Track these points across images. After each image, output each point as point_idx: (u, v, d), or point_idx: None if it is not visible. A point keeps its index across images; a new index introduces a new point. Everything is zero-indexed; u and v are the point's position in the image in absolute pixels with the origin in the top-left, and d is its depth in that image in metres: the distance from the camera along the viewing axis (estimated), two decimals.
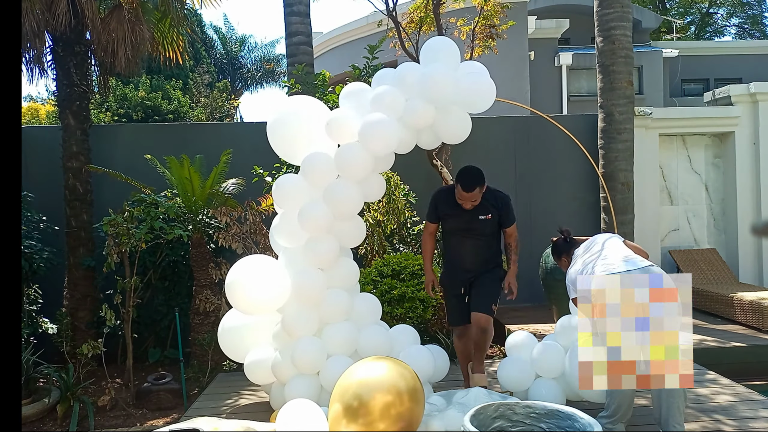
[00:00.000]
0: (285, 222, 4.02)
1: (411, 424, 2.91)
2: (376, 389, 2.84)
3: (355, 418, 2.80)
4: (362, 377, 2.93)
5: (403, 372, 2.99)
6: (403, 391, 2.87)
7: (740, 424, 3.65)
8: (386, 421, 2.81)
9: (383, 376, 2.91)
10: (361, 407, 2.81)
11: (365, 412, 2.80)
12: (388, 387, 2.85)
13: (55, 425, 4.88)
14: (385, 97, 3.78)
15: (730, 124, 8.10)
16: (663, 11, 23.25)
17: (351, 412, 2.81)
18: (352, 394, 2.85)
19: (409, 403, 2.88)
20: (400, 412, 2.83)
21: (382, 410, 2.80)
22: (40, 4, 5.80)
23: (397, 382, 2.89)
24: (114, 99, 11.55)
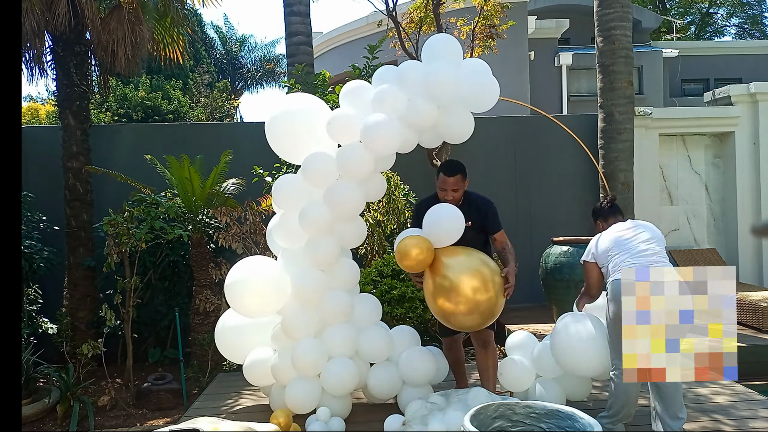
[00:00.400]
0: (285, 223, 3.98)
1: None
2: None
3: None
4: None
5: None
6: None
7: (740, 424, 3.65)
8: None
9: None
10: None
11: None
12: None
13: (55, 425, 4.88)
14: (387, 96, 3.70)
15: (730, 124, 8.10)
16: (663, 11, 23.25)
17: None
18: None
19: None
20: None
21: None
22: (40, 4, 5.80)
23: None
24: (114, 99, 11.55)
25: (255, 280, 3.91)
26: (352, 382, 3.92)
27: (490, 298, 3.37)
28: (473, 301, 3.35)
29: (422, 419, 3.38)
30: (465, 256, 3.48)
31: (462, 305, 3.36)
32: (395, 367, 4.04)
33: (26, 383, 4.99)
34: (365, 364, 4.10)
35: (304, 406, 3.90)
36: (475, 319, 3.41)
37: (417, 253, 3.43)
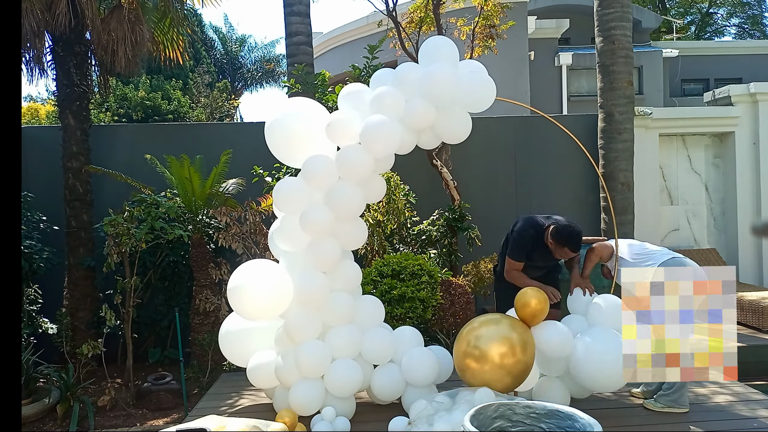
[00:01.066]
0: (286, 225, 3.99)
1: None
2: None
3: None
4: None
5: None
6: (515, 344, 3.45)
7: (740, 424, 3.65)
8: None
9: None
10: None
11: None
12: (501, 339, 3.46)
13: (55, 425, 4.88)
14: (385, 98, 3.75)
15: (730, 124, 8.10)
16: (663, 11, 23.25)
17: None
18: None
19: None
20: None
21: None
22: (40, 4, 5.80)
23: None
24: (114, 99, 11.55)
25: (257, 283, 3.91)
26: (355, 383, 3.92)
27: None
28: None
29: (428, 419, 3.38)
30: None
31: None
32: (398, 369, 4.04)
33: (26, 383, 5.00)
34: (369, 365, 4.11)
35: (308, 408, 3.90)
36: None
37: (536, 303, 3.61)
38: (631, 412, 3.97)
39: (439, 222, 6.53)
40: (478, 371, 3.48)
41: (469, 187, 7.20)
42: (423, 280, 5.39)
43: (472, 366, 3.49)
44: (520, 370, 3.48)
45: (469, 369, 3.52)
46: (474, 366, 3.48)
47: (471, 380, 3.55)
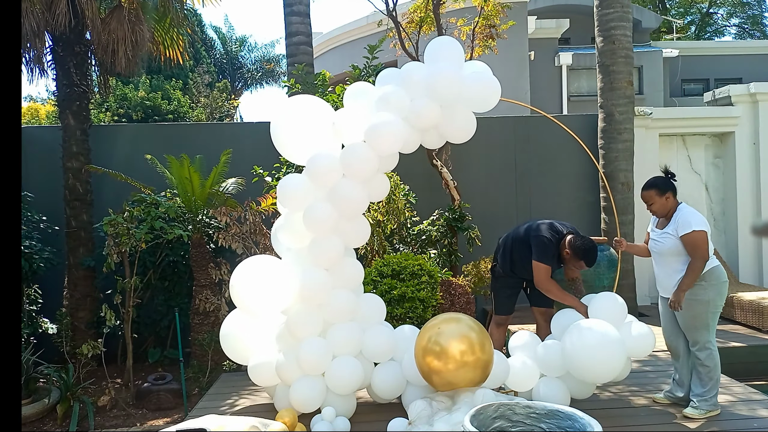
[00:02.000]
0: (289, 222, 4.01)
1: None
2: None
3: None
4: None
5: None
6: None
7: (740, 424, 3.66)
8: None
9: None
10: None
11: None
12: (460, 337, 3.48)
13: (55, 425, 4.88)
14: (391, 97, 3.78)
15: (730, 124, 8.10)
16: (663, 11, 23.25)
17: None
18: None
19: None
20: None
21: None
22: (40, 4, 5.80)
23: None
24: (114, 99, 11.55)
25: (260, 279, 3.93)
26: (356, 381, 3.93)
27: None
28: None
29: (428, 419, 3.38)
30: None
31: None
32: (399, 367, 4.05)
33: (26, 383, 5.00)
34: (369, 363, 4.12)
35: (309, 405, 3.91)
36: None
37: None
38: (631, 412, 3.97)
39: (439, 222, 6.53)
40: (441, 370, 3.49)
41: (469, 187, 7.20)
42: (423, 280, 5.39)
43: (434, 364, 3.50)
44: (481, 367, 3.49)
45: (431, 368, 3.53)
46: (436, 364, 3.49)
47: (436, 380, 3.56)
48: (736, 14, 25.92)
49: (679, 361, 4.01)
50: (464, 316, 3.70)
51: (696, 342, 3.79)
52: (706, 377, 3.75)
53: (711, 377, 3.75)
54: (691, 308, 3.71)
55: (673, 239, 3.80)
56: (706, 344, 3.75)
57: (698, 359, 3.77)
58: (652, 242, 3.98)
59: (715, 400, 3.77)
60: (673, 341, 4.01)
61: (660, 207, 3.89)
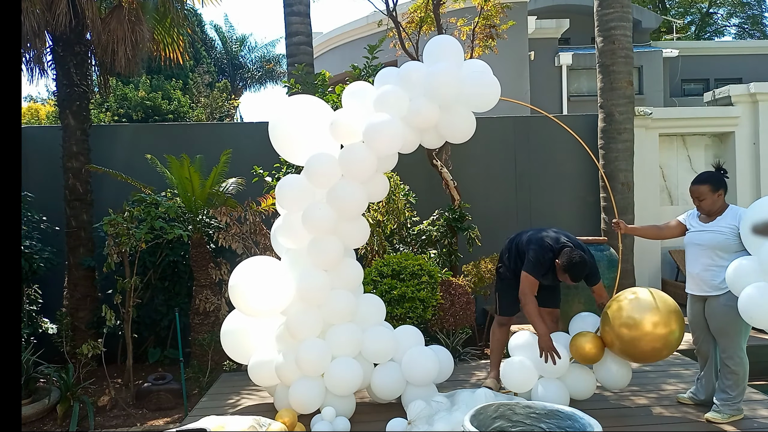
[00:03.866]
0: (288, 223, 4.00)
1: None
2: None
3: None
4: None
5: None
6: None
7: (740, 424, 3.65)
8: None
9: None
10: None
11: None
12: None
13: (55, 425, 4.88)
14: (389, 97, 3.75)
15: (730, 124, 8.10)
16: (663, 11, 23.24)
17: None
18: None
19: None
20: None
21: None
22: (40, 4, 5.80)
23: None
24: (114, 99, 11.55)
25: (259, 280, 3.93)
26: (355, 381, 3.92)
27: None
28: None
29: (428, 419, 3.38)
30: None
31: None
32: (399, 367, 4.05)
33: (26, 383, 5.00)
34: (369, 364, 4.11)
35: (309, 406, 3.91)
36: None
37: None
38: (631, 412, 3.97)
39: (439, 222, 6.53)
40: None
41: (469, 187, 7.20)
42: (423, 280, 5.39)
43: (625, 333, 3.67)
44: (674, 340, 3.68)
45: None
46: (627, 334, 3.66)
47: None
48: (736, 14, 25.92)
49: (706, 364, 3.95)
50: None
51: (726, 348, 3.69)
52: (734, 384, 3.67)
53: (739, 384, 3.68)
54: (728, 314, 3.59)
55: (727, 234, 3.66)
56: (737, 351, 3.67)
57: (727, 366, 3.68)
58: (695, 235, 3.81)
59: (740, 406, 3.70)
60: (702, 344, 3.93)
61: (711, 204, 3.75)
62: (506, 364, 4.04)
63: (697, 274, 3.79)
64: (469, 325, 5.72)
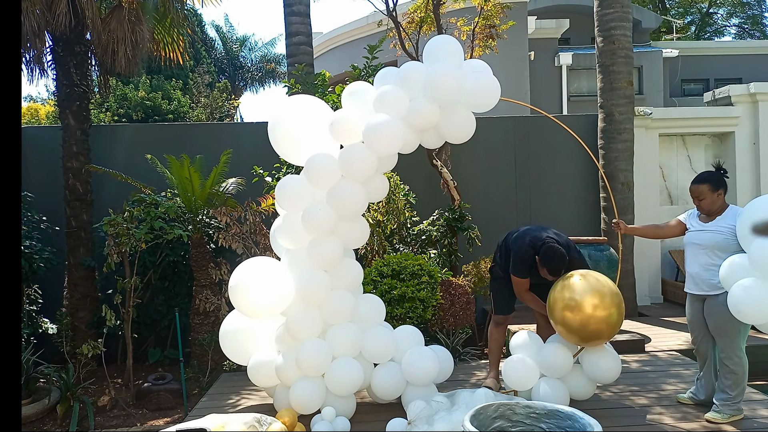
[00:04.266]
0: (288, 223, 4.00)
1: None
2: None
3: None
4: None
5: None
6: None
7: (740, 424, 3.65)
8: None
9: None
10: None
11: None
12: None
13: (55, 425, 4.88)
14: (389, 97, 3.75)
15: (730, 124, 8.10)
16: (663, 11, 23.24)
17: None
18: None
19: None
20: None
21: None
22: (40, 4, 5.80)
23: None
24: (114, 99, 11.55)
25: (259, 281, 3.92)
26: (356, 382, 3.92)
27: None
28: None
29: (428, 419, 3.38)
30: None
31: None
32: (399, 367, 4.05)
33: (26, 383, 4.99)
34: (369, 364, 4.11)
35: (309, 406, 3.91)
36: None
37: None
38: (631, 412, 3.97)
39: (439, 222, 6.53)
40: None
41: (469, 187, 7.20)
42: (423, 280, 5.39)
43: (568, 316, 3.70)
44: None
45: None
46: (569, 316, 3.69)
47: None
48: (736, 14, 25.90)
49: (705, 364, 3.95)
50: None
51: (725, 348, 3.69)
52: (734, 384, 3.67)
53: (738, 384, 3.67)
54: (726, 313, 3.56)
55: (726, 234, 3.66)
56: (735, 351, 3.67)
57: (726, 366, 3.68)
58: (695, 234, 3.82)
59: (740, 405, 3.70)
60: (701, 344, 3.93)
61: (710, 203, 3.75)
62: (507, 363, 4.04)
63: (696, 273, 3.80)
64: (469, 325, 5.72)
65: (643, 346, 5.51)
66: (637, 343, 5.47)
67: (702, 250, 3.77)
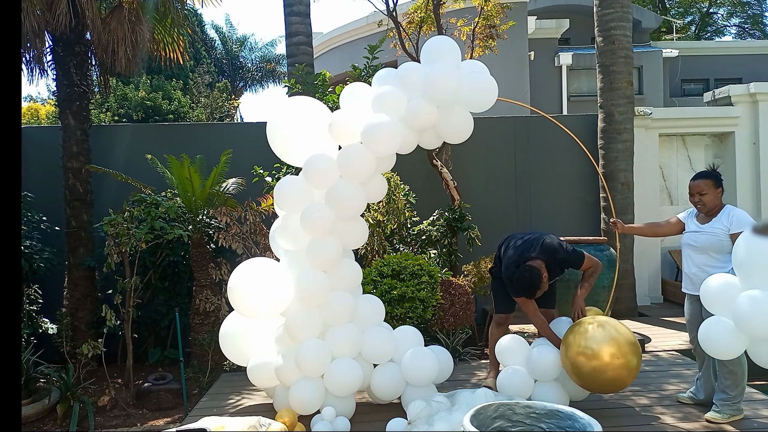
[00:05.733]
0: (287, 224, 4.00)
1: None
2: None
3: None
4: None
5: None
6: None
7: (740, 424, 3.65)
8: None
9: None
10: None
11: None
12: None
13: (55, 425, 4.88)
14: (387, 98, 3.77)
15: (730, 124, 8.10)
16: (663, 11, 23.23)
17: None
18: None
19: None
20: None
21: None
22: (41, 4, 5.80)
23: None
24: (114, 99, 11.55)
25: (258, 282, 3.93)
26: (355, 382, 3.92)
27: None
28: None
29: (428, 419, 3.38)
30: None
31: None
32: (398, 368, 4.05)
33: (26, 383, 4.99)
34: (369, 364, 4.11)
35: (308, 407, 3.91)
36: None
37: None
38: (631, 412, 3.97)
39: (439, 222, 6.53)
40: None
41: (469, 187, 7.20)
42: (423, 280, 5.39)
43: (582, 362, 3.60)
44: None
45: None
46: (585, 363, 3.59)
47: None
48: (736, 14, 25.90)
49: (704, 364, 3.95)
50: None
51: None
52: (733, 384, 3.66)
53: (738, 384, 3.67)
54: None
55: (720, 236, 3.68)
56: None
57: (725, 366, 3.67)
58: (691, 236, 3.84)
59: (740, 405, 3.70)
60: (699, 344, 3.94)
61: (712, 199, 3.76)
62: (501, 375, 4.01)
63: (694, 274, 3.82)
64: (469, 325, 5.72)
65: (644, 346, 5.51)
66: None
67: (698, 252, 3.81)
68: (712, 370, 3.90)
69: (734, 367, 3.65)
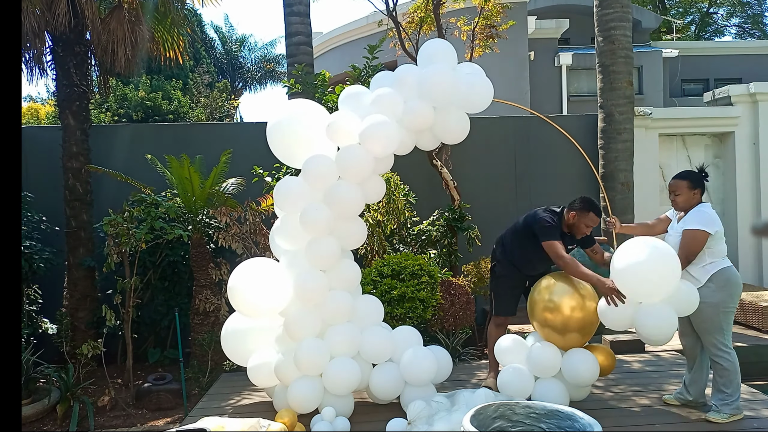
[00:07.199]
0: (286, 224, 4.03)
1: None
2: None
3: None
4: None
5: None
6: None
7: (740, 424, 3.65)
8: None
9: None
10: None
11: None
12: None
13: (55, 425, 4.88)
14: (384, 99, 3.83)
15: (730, 124, 8.10)
16: (663, 11, 23.23)
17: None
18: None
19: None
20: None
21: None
22: (40, 4, 5.80)
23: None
24: (114, 99, 11.55)
25: (257, 281, 3.94)
26: (353, 381, 3.93)
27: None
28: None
29: (428, 419, 3.38)
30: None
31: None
32: (397, 368, 4.05)
33: (26, 383, 4.99)
34: (367, 364, 4.12)
35: (307, 406, 3.92)
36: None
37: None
38: (631, 412, 3.97)
39: (439, 222, 6.53)
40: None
41: (469, 187, 7.20)
42: (423, 280, 5.39)
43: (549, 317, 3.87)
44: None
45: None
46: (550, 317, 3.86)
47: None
48: (736, 14, 25.89)
49: (693, 363, 3.96)
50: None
51: (711, 346, 3.70)
52: (728, 381, 3.66)
53: (732, 380, 3.67)
54: (701, 311, 3.60)
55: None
56: (722, 347, 3.66)
57: (718, 364, 3.68)
58: (668, 237, 3.90)
59: (738, 404, 3.69)
60: (688, 343, 3.95)
61: (685, 200, 3.79)
62: (501, 374, 4.01)
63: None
64: (469, 325, 5.72)
65: (644, 346, 5.51)
66: (637, 343, 5.47)
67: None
68: (705, 370, 3.92)
69: (725, 363, 3.66)
